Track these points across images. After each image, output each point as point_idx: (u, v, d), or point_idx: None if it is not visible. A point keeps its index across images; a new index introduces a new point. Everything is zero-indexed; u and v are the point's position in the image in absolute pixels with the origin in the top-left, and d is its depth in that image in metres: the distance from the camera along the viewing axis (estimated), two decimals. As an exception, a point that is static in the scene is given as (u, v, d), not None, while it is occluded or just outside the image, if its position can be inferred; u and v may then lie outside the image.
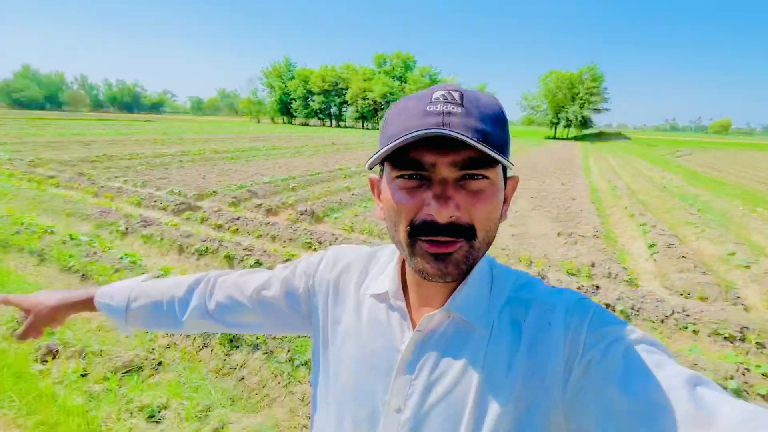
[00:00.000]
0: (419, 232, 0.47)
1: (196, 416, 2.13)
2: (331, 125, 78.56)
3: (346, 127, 74.69)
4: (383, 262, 0.63)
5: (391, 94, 69.01)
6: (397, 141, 0.44)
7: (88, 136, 20.16)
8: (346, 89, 73.34)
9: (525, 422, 0.47)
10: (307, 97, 78.09)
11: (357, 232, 5.89)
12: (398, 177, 0.48)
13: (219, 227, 5.78)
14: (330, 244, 5.11)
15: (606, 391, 0.41)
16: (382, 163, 0.52)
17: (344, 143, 25.45)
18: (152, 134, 24.09)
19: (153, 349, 2.75)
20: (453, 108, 0.45)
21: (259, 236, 5.47)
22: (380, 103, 70.63)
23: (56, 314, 0.76)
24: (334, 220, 6.41)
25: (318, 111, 78.25)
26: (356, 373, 0.56)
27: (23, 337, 0.76)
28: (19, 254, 4.54)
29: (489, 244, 0.51)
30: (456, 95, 0.46)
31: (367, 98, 70.14)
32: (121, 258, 4.31)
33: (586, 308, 0.49)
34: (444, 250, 0.47)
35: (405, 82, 71.81)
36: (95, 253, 4.45)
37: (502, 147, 0.46)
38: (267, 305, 0.69)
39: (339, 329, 0.61)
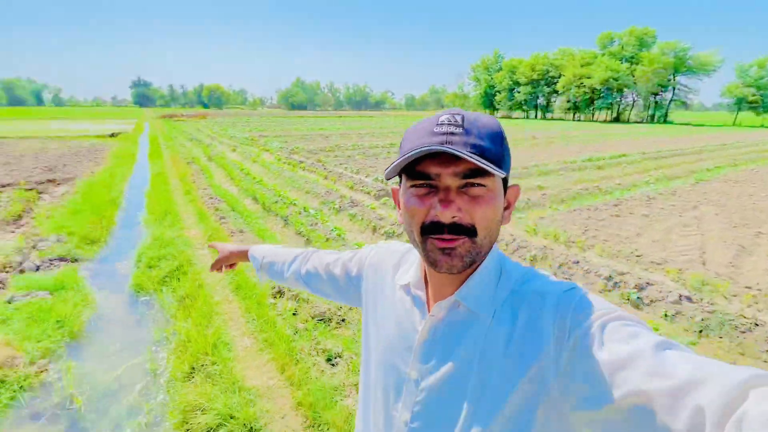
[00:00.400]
0: (429, 231, 0.56)
1: (359, 370, 2.56)
2: (535, 117, 73.35)
3: (552, 119, 68.21)
4: (414, 258, 0.73)
5: (615, 79, 58.53)
6: (407, 156, 0.54)
7: (328, 130, 25.54)
8: (558, 77, 66.51)
9: (521, 393, 0.53)
10: (513, 89, 75.06)
11: (540, 235, 5.47)
12: (411, 186, 0.58)
13: (407, 214, 6.44)
14: (506, 246, 4.95)
15: (589, 362, 0.47)
16: (400, 176, 0.61)
17: (546, 137, 23.43)
18: (372, 128, 28.42)
19: (340, 307, 3.40)
20: (455, 129, 0.54)
21: (440, 227, 5.81)
22: (599, 90, 60.90)
23: (229, 258, 1.14)
24: (517, 220, 6.13)
25: (523, 102, 74.23)
26: (387, 349, 0.69)
27: (211, 269, 1.17)
28: (274, 218, 6.32)
29: (491, 242, 0.59)
30: (458, 118, 0.55)
31: (583, 85, 61.76)
32: (332, 230, 5.41)
33: (573, 295, 0.54)
34: (450, 244, 0.55)
35: (637, 63, 59.34)
36: (317, 224, 5.74)
37: (498, 160, 0.54)
38: (333, 279, 0.89)
39: (378, 311, 0.74)
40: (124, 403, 2.46)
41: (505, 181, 0.59)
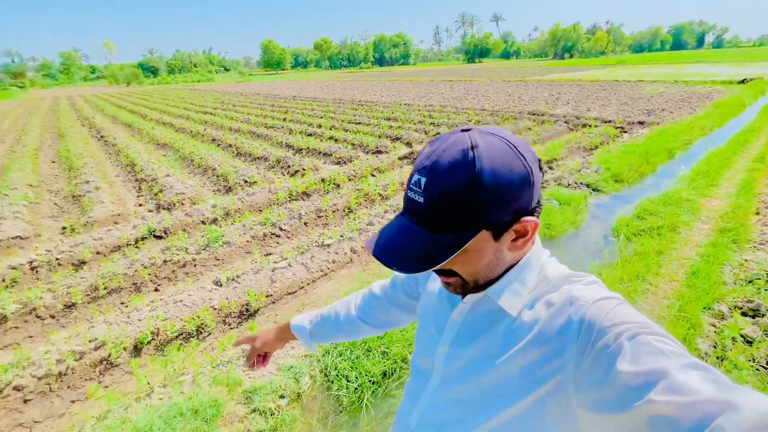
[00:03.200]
0: None
1: None
2: None
3: None
4: None
5: None
6: (372, 245, 0.59)
7: None
8: None
9: (535, 388, 0.55)
10: None
11: None
12: None
13: None
14: None
15: (609, 370, 0.46)
16: None
17: None
18: None
19: None
20: (418, 197, 0.54)
21: None
22: None
23: (263, 346, 1.01)
24: None
25: None
26: (427, 326, 0.76)
27: (247, 367, 1.05)
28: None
29: (488, 276, 0.60)
30: (423, 182, 0.53)
31: None
32: None
33: (607, 304, 0.53)
34: (444, 280, 0.62)
35: None
36: None
37: (464, 221, 0.52)
38: (395, 286, 0.92)
39: (425, 295, 0.81)
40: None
41: (502, 224, 0.55)
